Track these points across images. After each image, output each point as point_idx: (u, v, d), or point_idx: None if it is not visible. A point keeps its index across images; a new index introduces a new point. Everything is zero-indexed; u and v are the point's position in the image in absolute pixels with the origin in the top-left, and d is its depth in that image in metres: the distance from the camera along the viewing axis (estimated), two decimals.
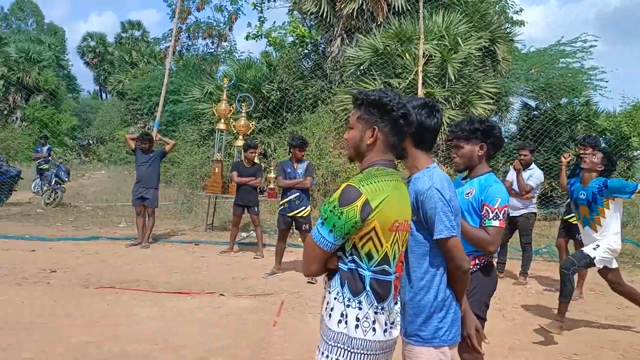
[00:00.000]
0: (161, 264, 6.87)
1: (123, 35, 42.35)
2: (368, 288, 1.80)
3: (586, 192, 4.52)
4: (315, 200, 10.24)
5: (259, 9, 19.02)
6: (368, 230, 1.78)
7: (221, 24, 22.50)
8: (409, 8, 12.80)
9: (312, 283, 5.99)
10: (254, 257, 7.46)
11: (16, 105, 29.77)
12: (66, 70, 40.12)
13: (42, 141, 14.03)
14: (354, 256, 1.81)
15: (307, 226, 6.34)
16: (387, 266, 1.83)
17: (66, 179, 12.34)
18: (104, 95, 45.41)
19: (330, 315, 1.85)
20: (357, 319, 1.80)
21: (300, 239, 7.78)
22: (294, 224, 6.47)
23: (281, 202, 6.47)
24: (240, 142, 9.69)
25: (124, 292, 5.41)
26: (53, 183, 11.97)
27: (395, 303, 1.93)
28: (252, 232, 8.84)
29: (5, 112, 29.69)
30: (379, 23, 12.93)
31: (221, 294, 5.44)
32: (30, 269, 6.20)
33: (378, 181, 1.81)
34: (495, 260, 4.60)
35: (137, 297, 5.25)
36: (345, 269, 1.83)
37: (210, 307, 5.02)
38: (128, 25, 42.43)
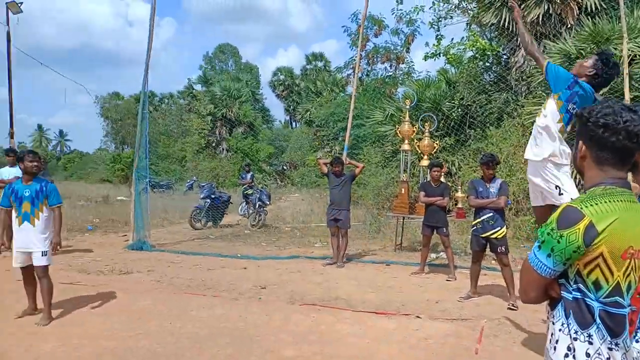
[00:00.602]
0: (356, 283, 7.16)
1: (308, 67, 45.83)
2: (598, 320, 1.65)
3: None
4: (506, 221, 9.71)
5: (436, 27, 18.94)
6: (594, 257, 1.63)
7: (398, 47, 22.93)
8: (604, 6, 11.61)
9: (513, 309, 5.67)
10: (447, 280, 7.34)
11: (222, 137, 34.07)
12: (261, 103, 44.80)
13: (246, 168, 15.74)
14: (579, 284, 1.67)
15: (502, 248, 6.04)
16: (619, 298, 1.65)
17: (268, 203, 13.67)
18: (293, 124, 49.37)
19: (555, 348, 1.73)
20: (587, 355, 1.65)
21: (494, 261, 7.45)
22: (488, 246, 6.22)
23: (473, 223, 6.28)
24: (425, 162, 9.72)
25: (326, 309, 5.75)
26: (257, 206, 13.35)
27: (637, 340, 1.74)
28: (442, 253, 8.72)
29: (214, 144, 34.14)
30: (569, 26, 11.96)
31: (417, 316, 5.47)
32: (243, 286, 6.95)
33: (605, 202, 1.65)
34: None
35: (337, 315, 5.54)
36: (570, 298, 1.70)
37: (408, 329, 5.07)
38: (312, 57, 45.83)
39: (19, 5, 13.13)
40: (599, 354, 1.65)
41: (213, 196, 13.32)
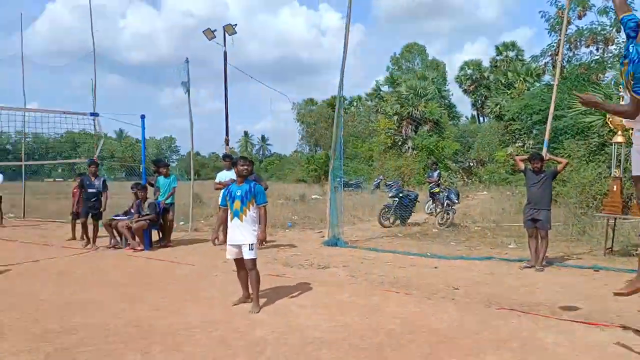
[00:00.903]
0: (559, 289, 6.59)
1: (497, 58, 43.41)
2: None
3: None
4: None
5: None
6: None
7: (607, 27, 20.31)
8: None
9: None
10: None
11: (407, 136, 34.32)
12: (447, 100, 43.92)
13: (433, 167, 15.57)
14: None
15: None
16: None
17: (457, 202, 13.35)
18: (481, 119, 47.35)
19: None
20: None
21: None
22: None
23: None
24: None
25: (526, 315, 5.41)
26: (445, 205, 13.12)
27: None
28: None
29: (400, 143, 34.53)
30: None
31: (638, 330, 4.82)
32: (435, 285, 6.88)
33: None
34: None
35: (539, 322, 5.16)
36: None
37: (625, 343, 4.49)
38: (502, 47, 43.26)
39: (234, 27, 14.93)
40: None
41: (401, 194, 13.48)
